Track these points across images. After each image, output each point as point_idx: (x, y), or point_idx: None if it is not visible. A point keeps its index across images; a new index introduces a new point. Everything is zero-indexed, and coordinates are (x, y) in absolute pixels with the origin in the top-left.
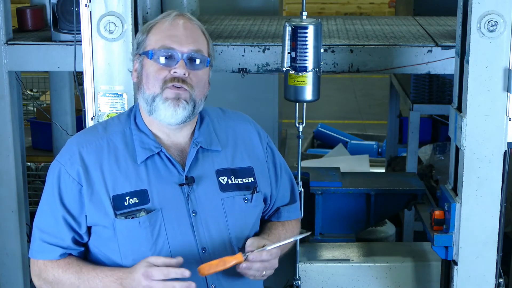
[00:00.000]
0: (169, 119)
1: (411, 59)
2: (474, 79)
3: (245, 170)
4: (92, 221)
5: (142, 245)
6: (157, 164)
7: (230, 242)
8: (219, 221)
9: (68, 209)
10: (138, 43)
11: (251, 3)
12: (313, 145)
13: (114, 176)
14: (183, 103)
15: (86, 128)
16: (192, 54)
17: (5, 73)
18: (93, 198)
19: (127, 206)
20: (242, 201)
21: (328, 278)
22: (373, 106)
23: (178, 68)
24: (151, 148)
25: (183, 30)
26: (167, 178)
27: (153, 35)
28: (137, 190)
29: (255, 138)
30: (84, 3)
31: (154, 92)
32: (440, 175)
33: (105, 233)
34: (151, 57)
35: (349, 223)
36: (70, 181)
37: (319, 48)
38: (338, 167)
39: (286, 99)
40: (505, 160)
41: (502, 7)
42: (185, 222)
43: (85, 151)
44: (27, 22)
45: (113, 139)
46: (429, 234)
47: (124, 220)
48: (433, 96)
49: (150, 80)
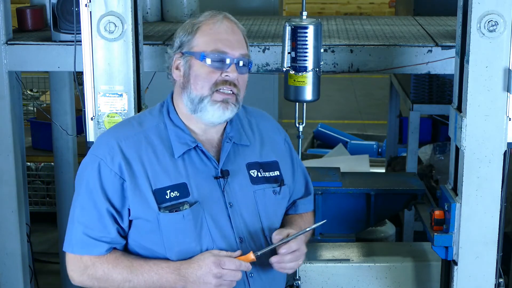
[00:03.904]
0: (216, 119)
1: (411, 59)
2: (474, 79)
3: (271, 164)
4: (136, 215)
5: (187, 236)
6: (193, 158)
7: (264, 232)
8: (252, 212)
9: (112, 202)
10: (182, 41)
11: (251, 3)
12: (313, 145)
13: (154, 170)
14: (231, 105)
15: (119, 123)
16: (242, 59)
17: (5, 73)
18: (136, 192)
19: (168, 199)
20: (271, 193)
21: (328, 278)
22: (373, 106)
23: (231, 72)
24: (187, 143)
25: (233, 34)
26: (203, 172)
27: (202, 37)
28: (177, 184)
29: (276, 134)
30: (84, 3)
31: (202, 94)
32: (440, 175)
33: (147, 226)
34: (202, 59)
35: (349, 223)
36: (112, 175)
37: (319, 48)
38: (338, 167)
39: (286, 99)
40: (505, 160)
41: (502, 7)
42: (223, 213)
43: (124, 145)
44: (27, 22)
45: (149, 134)
46: (429, 234)
47: (168, 214)
48: (433, 96)
49: (199, 81)
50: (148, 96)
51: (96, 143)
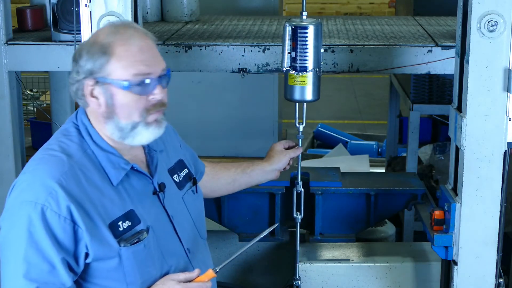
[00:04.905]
0: (150, 140)
1: (411, 59)
2: (474, 79)
3: (180, 163)
4: (96, 257)
5: (149, 265)
6: (130, 180)
7: (200, 236)
8: (187, 219)
9: (66, 250)
10: (93, 66)
11: (251, 3)
12: (313, 145)
13: (102, 204)
14: (163, 122)
15: (42, 158)
16: (163, 74)
17: (5, 73)
18: (93, 232)
19: (123, 231)
20: (192, 194)
21: (328, 278)
22: (373, 106)
23: (158, 94)
24: (122, 167)
25: (149, 50)
26: (143, 191)
27: (118, 61)
28: (125, 213)
29: (171, 130)
30: (84, 3)
31: (133, 121)
32: (440, 175)
33: (108, 265)
34: (125, 88)
35: (349, 223)
36: (61, 221)
37: (319, 48)
38: (338, 167)
39: (286, 99)
40: (505, 160)
41: (502, 7)
42: (170, 229)
43: (66, 184)
44: (27, 22)
45: (82, 164)
46: (429, 234)
47: (130, 247)
48: (433, 96)
49: (127, 110)
50: None
51: (24, 187)
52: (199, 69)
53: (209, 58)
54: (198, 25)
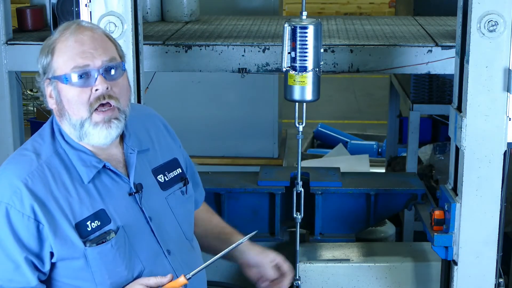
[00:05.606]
0: (103, 141)
1: (411, 59)
2: (474, 79)
3: (172, 162)
4: (60, 256)
5: (118, 266)
6: (103, 179)
7: (185, 237)
8: (171, 220)
9: (30, 249)
10: (44, 67)
11: (251, 3)
12: (313, 145)
13: (69, 203)
14: (114, 122)
15: (12, 158)
16: (108, 65)
17: (5, 73)
18: (57, 232)
19: (91, 231)
20: (180, 195)
21: (328, 278)
22: (373, 106)
23: (99, 85)
24: (94, 165)
25: (90, 43)
26: (117, 192)
27: (60, 57)
28: (95, 212)
29: (163, 128)
30: (84, 3)
31: (82, 117)
32: (440, 175)
33: (75, 265)
34: (66, 82)
35: (349, 223)
36: (25, 220)
37: (319, 48)
38: (338, 167)
39: (286, 99)
40: (505, 160)
41: (502, 7)
42: (146, 230)
43: (31, 183)
44: (27, 22)
45: (51, 164)
46: (429, 234)
47: (95, 247)
48: (433, 96)
49: (73, 105)
50: (148, 96)
51: None
52: (199, 69)
53: (209, 58)
54: (198, 25)
